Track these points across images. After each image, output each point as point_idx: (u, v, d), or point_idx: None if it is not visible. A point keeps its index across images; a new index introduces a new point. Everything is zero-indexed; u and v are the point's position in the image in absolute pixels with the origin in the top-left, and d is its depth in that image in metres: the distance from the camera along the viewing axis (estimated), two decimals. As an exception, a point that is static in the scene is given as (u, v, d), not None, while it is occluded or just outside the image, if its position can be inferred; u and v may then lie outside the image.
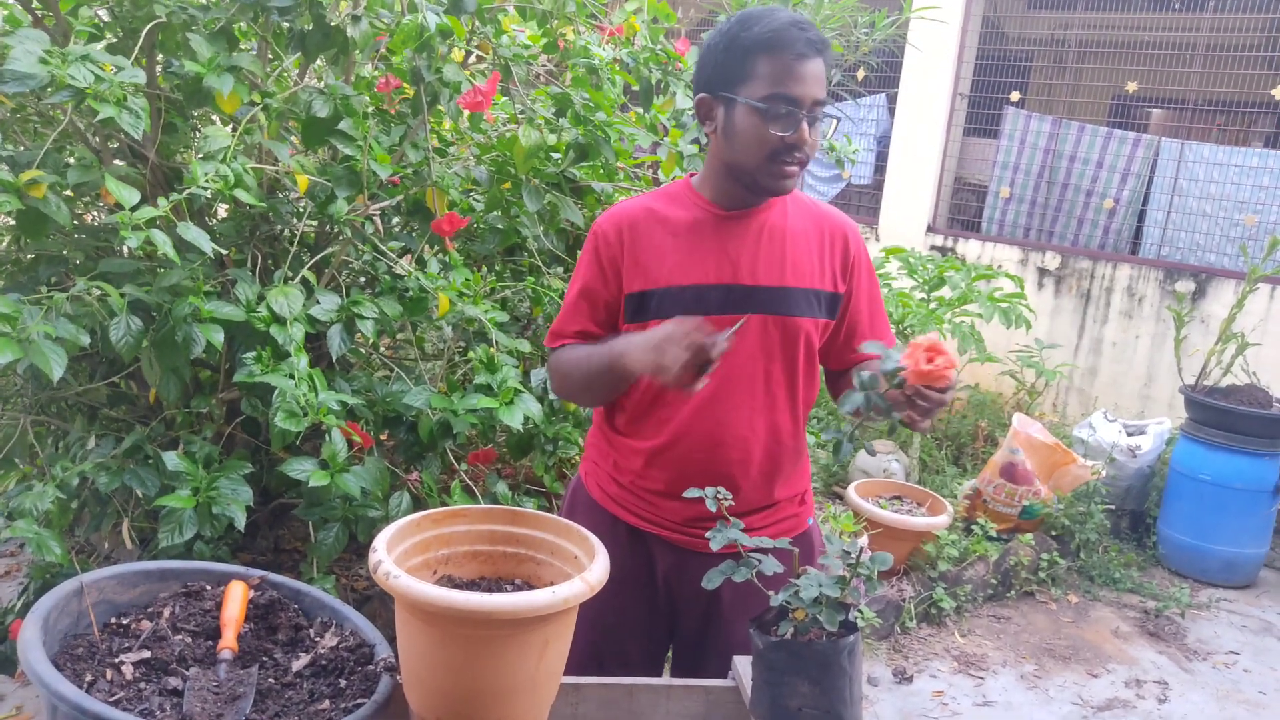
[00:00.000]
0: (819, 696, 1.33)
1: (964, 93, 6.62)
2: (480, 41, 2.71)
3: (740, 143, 1.62)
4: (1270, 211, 5.60)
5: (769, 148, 1.60)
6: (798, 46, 1.57)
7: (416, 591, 1.17)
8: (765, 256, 1.71)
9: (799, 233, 1.74)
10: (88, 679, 1.21)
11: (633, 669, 1.83)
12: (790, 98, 1.58)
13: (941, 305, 4.74)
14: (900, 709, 3.39)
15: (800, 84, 1.57)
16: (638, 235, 1.71)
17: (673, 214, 1.72)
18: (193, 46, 2.07)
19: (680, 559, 1.80)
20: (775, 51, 1.57)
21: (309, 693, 1.29)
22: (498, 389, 2.32)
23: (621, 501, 1.83)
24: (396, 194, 2.51)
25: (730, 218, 1.72)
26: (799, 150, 1.61)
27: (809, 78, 1.58)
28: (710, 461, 1.73)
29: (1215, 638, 4.13)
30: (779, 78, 1.57)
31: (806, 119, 1.59)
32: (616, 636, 1.84)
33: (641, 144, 2.95)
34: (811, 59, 1.58)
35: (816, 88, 1.59)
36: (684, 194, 1.75)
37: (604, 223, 1.74)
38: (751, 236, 1.71)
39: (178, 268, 2.03)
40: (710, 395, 1.71)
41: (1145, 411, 5.73)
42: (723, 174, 1.70)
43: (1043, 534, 4.57)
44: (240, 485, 2.09)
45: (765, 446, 1.76)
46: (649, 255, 1.70)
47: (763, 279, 1.70)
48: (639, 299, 1.71)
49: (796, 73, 1.57)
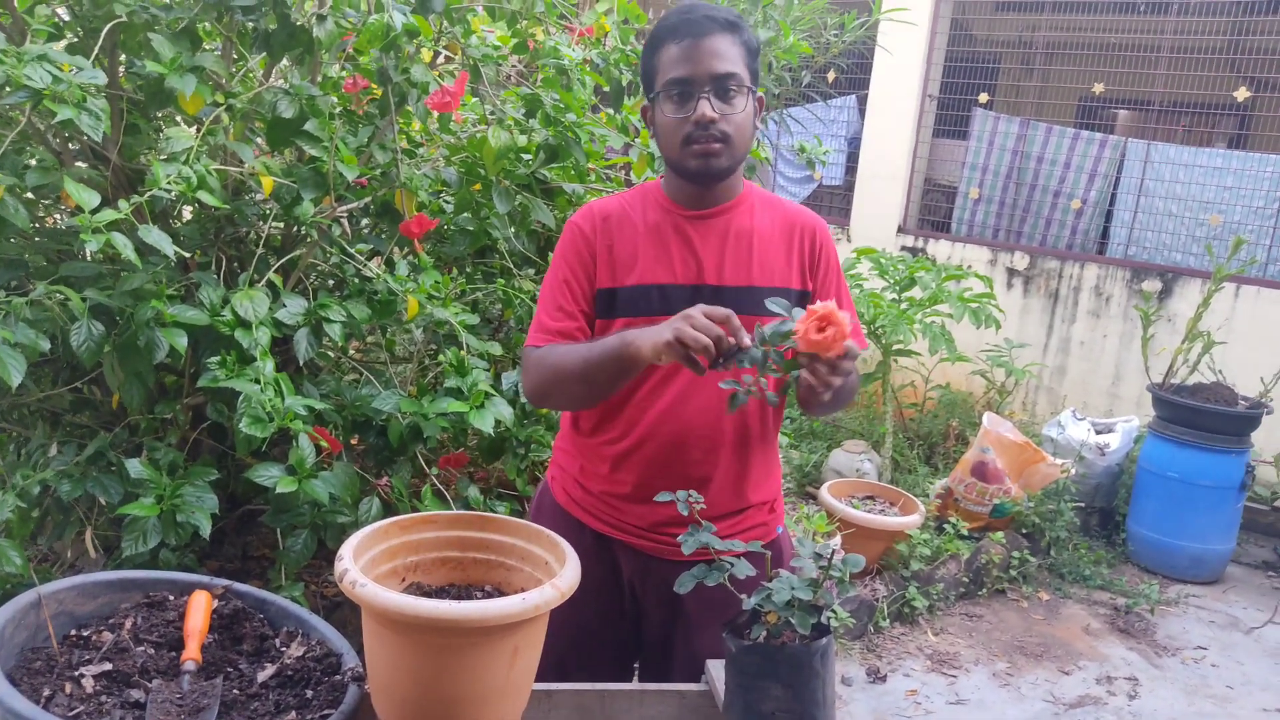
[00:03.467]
0: (792, 700, 1.32)
1: (933, 94, 6.67)
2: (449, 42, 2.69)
3: (662, 135, 1.68)
4: (1234, 211, 5.68)
5: (681, 132, 1.63)
6: (687, 28, 1.62)
7: (383, 600, 1.15)
8: (732, 257, 1.71)
9: (766, 232, 1.74)
10: (45, 693, 1.18)
11: (600, 675, 1.81)
12: (683, 79, 1.61)
13: (912, 305, 4.76)
14: (874, 708, 3.40)
15: (692, 63, 1.61)
16: (610, 229, 1.72)
17: (642, 214, 1.73)
18: (155, 46, 2.03)
19: (644, 565, 1.79)
20: (669, 40, 1.64)
21: (275, 704, 1.26)
22: (468, 392, 2.30)
23: (587, 507, 1.82)
24: (364, 196, 2.48)
25: (696, 218, 1.72)
26: (710, 127, 1.61)
27: (703, 55, 1.61)
28: (676, 464, 1.72)
29: (1184, 633, 4.17)
30: (674, 63, 1.62)
31: (708, 94, 1.61)
32: (583, 643, 1.82)
33: (613, 145, 2.94)
34: (704, 38, 1.61)
35: (714, 62, 1.61)
36: (653, 194, 1.77)
37: (579, 218, 1.76)
38: (717, 237, 1.71)
39: (140, 271, 1.99)
40: (676, 397, 1.71)
41: (1113, 410, 5.79)
42: (672, 173, 1.72)
43: (1014, 532, 4.61)
44: (205, 492, 2.06)
45: (732, 449, 1.75)
46: (620, 251, 1.71)
47: (729, 279, 1.70)
48: (608, 296, 1.71)
49: (689, 54, 1.61)
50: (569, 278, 1.73)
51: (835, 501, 4.20)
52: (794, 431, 5.36)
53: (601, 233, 1.72)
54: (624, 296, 1.70)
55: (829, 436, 5.50)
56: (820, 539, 3.84)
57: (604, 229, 1.72)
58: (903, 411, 5.67)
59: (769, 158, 5.89)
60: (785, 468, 5.00)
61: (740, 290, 1.70)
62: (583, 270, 1.72)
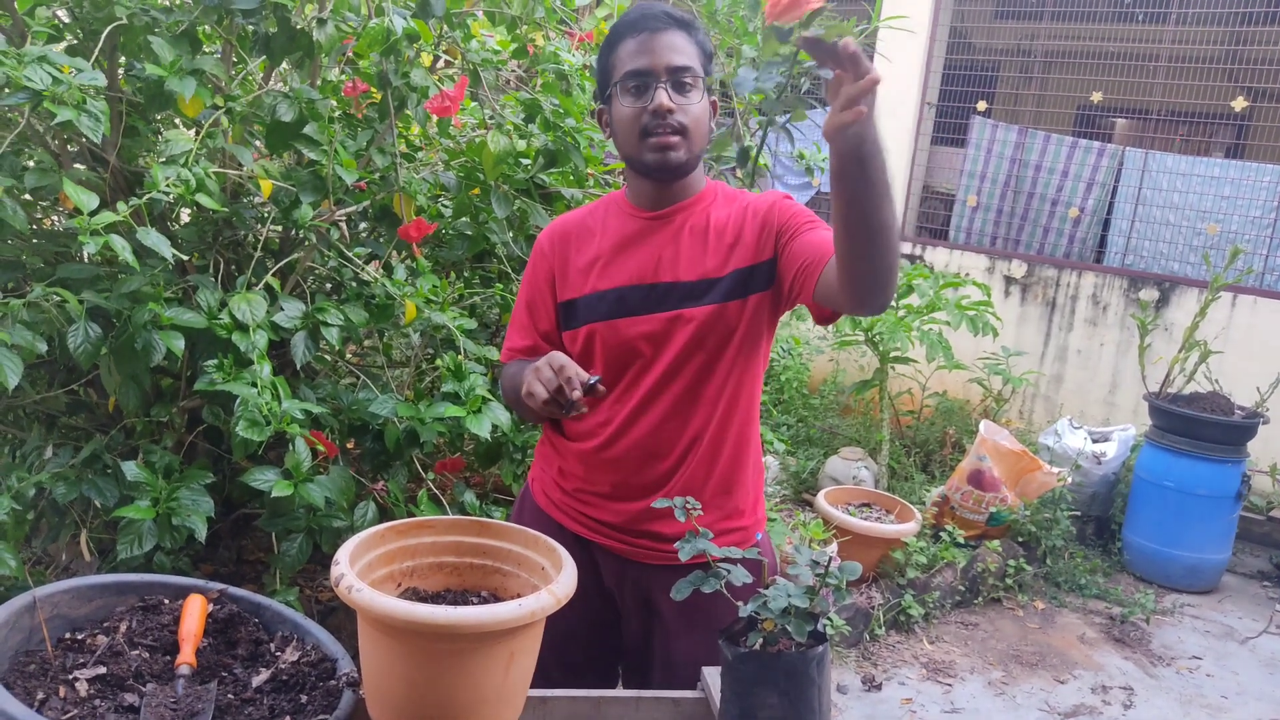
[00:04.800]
0: (788, 708, 1.32)
1: (931, 102, 6.68)
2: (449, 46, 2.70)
3: (619, 132, 1.69)
4: (1232, 221, 5.69)
5: (637, 124, 1.64)
6: (642, 24, 1.64)
7: (379, 605, 1.14)
8: (687, 252, 1.71)
9: (722, 221, 1.72)
10: (39, 697, 1.18)
11: (582, 680, 1.82)
12: (638, 70, 1.63)
13: (910, 313, 4.77)
14: (869, 716, 3.40)
15: (647, 56, 1.63)
16: (568, 245, 1.77)
17: (604, 221, 1.77)
18: (154, 49, 2.04)
19: (621, 567, 1.79)
20: (624, 38, 1.65)
21: (269, 708, 1.26)
22: (465, 397, 2.30)
23: (565, 508, 1.83)
24: (363, 199, 2.48)
25: (656, 219, 1.74)
26: (666, 118, 1.62)
27: (657, 49, 1.63)
28: (646, 466, 1.73)
29: (1179, 643, 4.17)
30: (631, 56, 1.64)
31: (664, 85, 1.62)
32: (567, 648, 1.81)
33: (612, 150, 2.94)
34: (658, 32, 1.63)
35: (669, 55, 1.63)
36: (616, 202, 1.80)
37: (542, 236, 1.82)
38: (672, 234, 1.72)
39: (137, 274, 1.99)
40: (644, 399, 1.71)
41: (1110, 419, 5.79)
42: (630, 174, 1.75)
43: (1010, 540, 4.60)
44: (201, 495, 2.06)
45: (705, 449, 1.73)
46: (577, 264, 1.75)
47: (684, 274, 1.70)
48: (568, 307, 1.76)
49: (645, 46, 1.63)
50: (531, 298, 1.81)
51: (831, 509, 4.20)
52: (791, 438, 5.36)
53: (560, 247, 1.78)
54: (583, 304, 1.74)
55: (826, 443, 5.50)
56: (816, 546, 3.84)
57: (561, 244, 1.78)
58: (900, 419, 5.67)
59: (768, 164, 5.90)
60: (782, 474, 5.00)
61: (694, 284, 1.69)
62: (545, 287, 1.79)
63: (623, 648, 1.89)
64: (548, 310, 1.79)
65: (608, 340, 1.71)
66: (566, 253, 1.77)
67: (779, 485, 4.92)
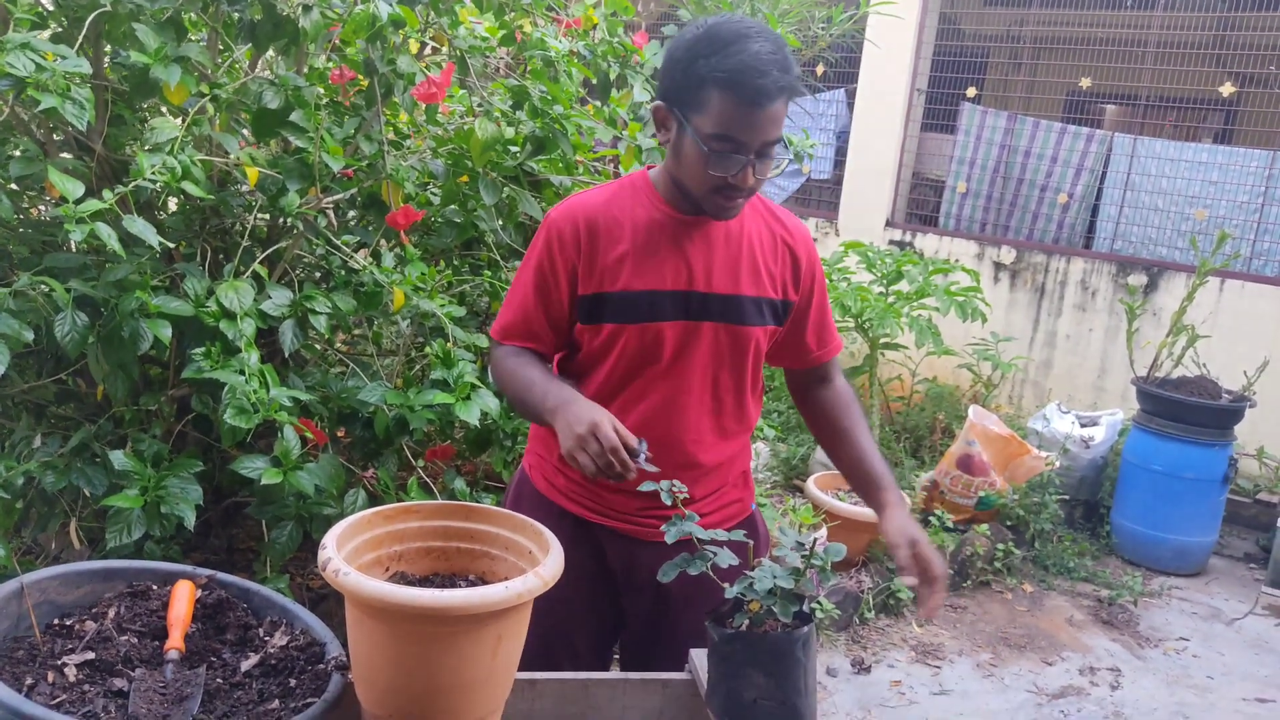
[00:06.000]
0: (774, 688, 1.34)
1: (921, 88, 6.68)
2: (436, 33, 2.69)
3: (686, 168, 1.61)
4: (1219, 206, 5.71)
5: (711, 179, 1.57)
6: (756, 95, 1.50)
7: (366, 588, 1.15)
8: (720, 263, 1.70)
9: (754, 238, 1.73)
10: (28, 682, 1.18)
11: (580, 662, 1.84)
12: (737, 141, 1.53)
13: (899, 299, 4.78)
14: (858, 699, 3.42)
15: (750, 130, 1.53)
16: (596, 236, 1.67)
17: (631, 213, 1.69)
18: (139, 36, 2.03)
19: (630, 548, 1.80)
20: (731, 91, 1.51)
21: (258, 692, 1.27)
22: (454, 384, 2.30)
23: (568, 493, 1.82)
24: (350, 187, 2.48)
25: (688, 222, 1.69)
26: (743, 188, 1.58)
27: (762, 123, 1.53)
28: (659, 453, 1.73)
29: (1166, 625, 4.21)
30: (729, 119, 1.52)
31: (753, 161, 1.55)
32: (564, 629, 1.83)
33: (601, 138, 2.94)
34: (768, 105, 1.52)
35: (769, 130, 1.54)
36: (643, 191, 1.72)
37: (560, 219, 1.69)
38: (706, 241, 1.70)
39: (124, 262, 1.99)
40: (661, 404, 1.72)
41: (1098, 403, 5.82)
42: (675, 183, 1.67)
43: (998, 524, 4.63)
44: (190, 484, 2.06)
45: (713, 450, 1.78)
46: (606, 258, 1.67)
47: (717, 286, 1.69)
48: (593, 301, 1.69)
49: (749, 118, 1.52)
50: (544, 283, 1.70)
51: (821, 494, 4.21)
52: (781, 425, 5.37)
53: (588, 240, 1.67)
54: (613, 302, 1.67)
55: (816, 429, 5.51)
56: (806, 530, 3.86)
57: (589, 236, 1.67)
58: (889, 405, 5.69)
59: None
60: (773, 460, 5.01)
61: (727, 298, 1.70)
62: (564, 277, 1.69)
63: (625, 628, 1.91)
64: (561, 300, 1.70)
65: (631, 341, 1.68)
66: (595, 245, 1.67)
67: (769, 471, 4.93)
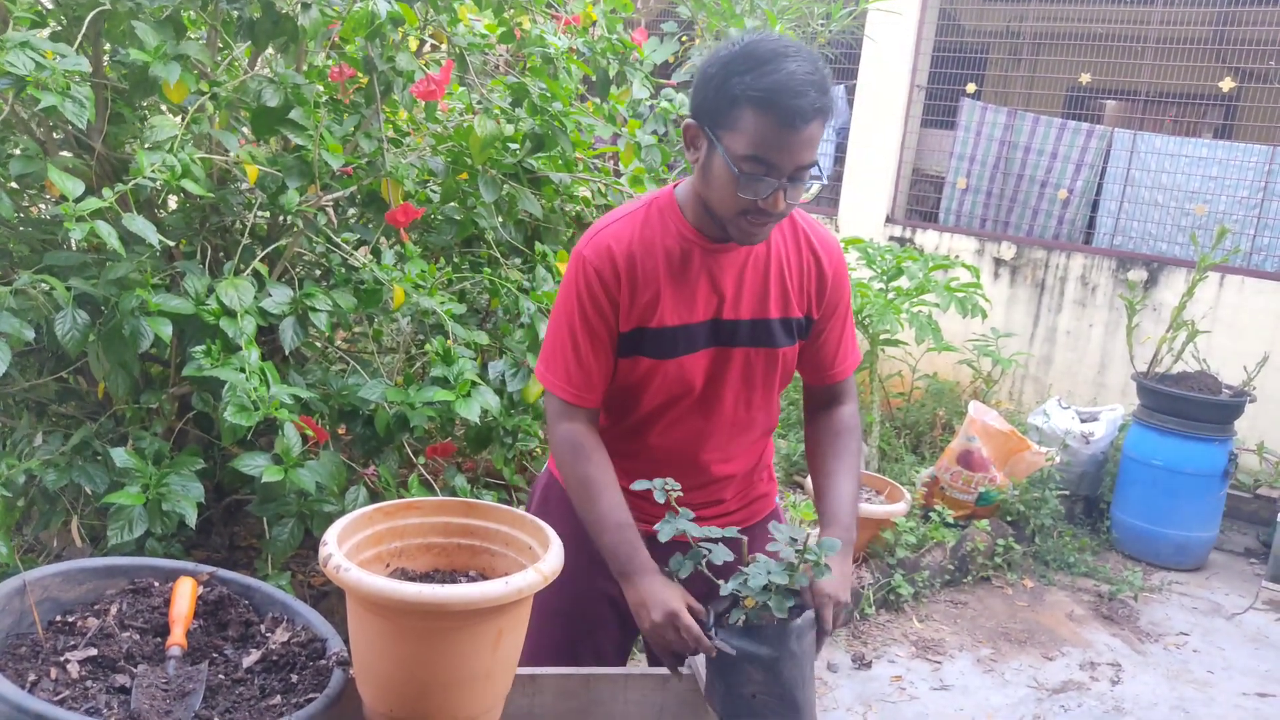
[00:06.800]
0: (772, 682, 1.34)
1: (921, 84, 6.67)
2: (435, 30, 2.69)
3: (714, 189, 1.55)
4: (1219, 201, 5.71)
5: (740, 203, 1.52)
6: (792, 117, 1.44)
7: (367, 584, 1.16)
8: (749, 288, 1.68)
9: (781, 259, 1.71)
10: (30, 678, 1.19)
11: (604, 661, 1.84)
12: (770, 164, 1.48)
13: (899, 295, 4.78)
14: (859, 694, 3.43)
15: (784, 152, 1.47)
16: (634, 274, 1.63)
17: (663, 243, 1.65)
18: (139, 34, 2.03)
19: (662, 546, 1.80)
20: (765, 111, 1.45)
21: (260, 688, 1.27)
22: (455, 381, 2.31)
23: None
24: (350, 185, 2.48)
25: (717, 250, 1.66)
26: (774, 213, 1.53)
27: (796, 145, 1.47)
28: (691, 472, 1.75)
29: (1167, 620, 4.21)
30: (763, 141, 1.47)
31: (785, 185, 1.50)
32: (589, 629, 1.84)
33: (601, 135, 2.94)
34: (803, 128, 1.46)
35: (803, 153, 1.48)
36: (670, 217, 1.67)
37: (596, 258, 1.63)
38: (737, 268, 1.67)
39: (124, 260, 1.99)
40: (694, 432, 1.74)
41: (1099, 399, 5.82)
42: (702, 205, 1.62)
43: (999, 520, 4.63)
44: (191, 481, 2.06)
45: (741, 460, 1.83)
46: (644, 295, 1.64)
47: (745, 312, 1.68)
48: (634, 336, 1.66)
49: (783, 140, 1.46)
50: (594, 324, 1.65)
51: (822, 490, 4.21)
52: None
53: (625, 278, 1.63)
54: (650, 337, 1.66)
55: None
56: (807, 527, 3.86)
57: (627, 273, 1.63)
58: (890, 401, 5.69)
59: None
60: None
61: (756, 323, 1.70)
62: (608, 315, 1.65)
63: None
64: (610, 342, 1.66)
65: (669, 374, 1.68)
66: (634, 283, 1.63)
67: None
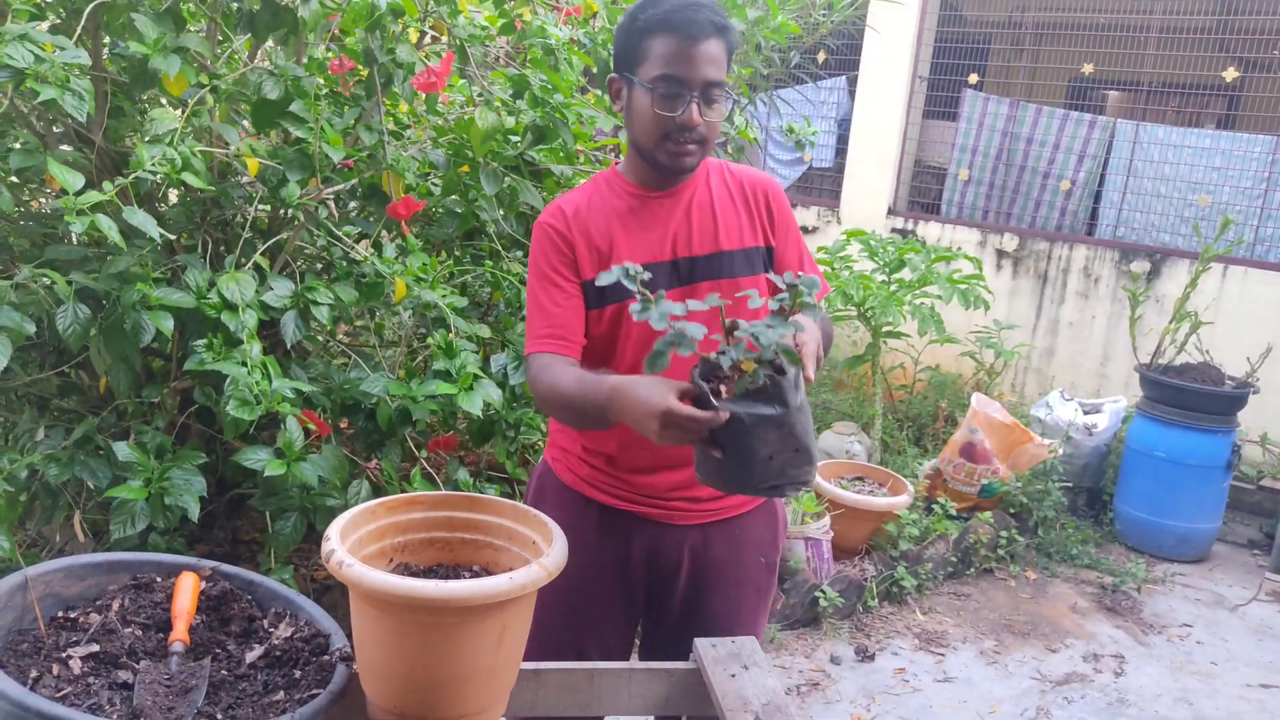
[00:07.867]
0: (787, 437, 1.34)
1: (923, 75, 6.65)
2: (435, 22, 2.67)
3: (637, 123, 1.68)
4: (1222, 192, 5.69)
5: (661, 128, 1.63)
6: (689, 28, 1.59)
7: (370, 580, 1.15)
8: (698, 227, 1.75)
9: (723, 198, 1.79)
10: (32, 675, 1.18)
11: (611, 656, 1.85)
12: (678, 79, 1.60)
13: (901, 287, 4.77)
14: (863, 686, 3.42)
15: (689, 65, 1.60)
16: (582, 221, 1.74)
17: (607, 202, 1.76)
18: (138, 27, 2.02)
19: (659, 533, 1.82)
20: (667, 32, 1.60)
21: (263, 684, 1.27)
22: (457, 375, 2.30)
23: (595, 483, 1.83)
24: (351, 177, 2.47)
25: (658, 198, 1.75)
26: (692, 130, 1.63)
27: (700, 59, 1.60)
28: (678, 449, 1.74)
29: (1170, 611, 4.21)
30: (669, 59, 1.60)
31: (699, 100, 1.62)
32: (595, 624, 1.85)
33: (602, 127, 2.93)
34: (703, 41, 1.60)
35: (709, 69, 1.61)
36: (614, 181, 1.79)
37: (548, 217, 1.76)
38: (681, 212, 1.75)
39: (125, 254, 1.99)
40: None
41: (1101, 390, 5.81)
42: (636, 156, 1.73)
43: (1002, 512, 4.63)
44: (194, 475, 2.06)
45: None
46: (597, 241, 1.73)
47: (698, 249, 1.74)
48: (596, 286, 1.68)
49: (686, 54, 1.60)
50: (554, 278, 1.74)
51: (824, 482, 4.21)
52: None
53: (575, 226, 1.73)
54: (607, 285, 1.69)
55: (819, 418, 5.51)
56: (810, 519, 3.86)
57: (576, 222, 1.74)
58: (892, 393, 5.69)
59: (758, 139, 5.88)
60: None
61: (710, 257, 1.75)
62: (565, 266, 1.74)
63: (653, 616, 1.92)
64: (573, 286, 1.74)
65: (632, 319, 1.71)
66: (584, 229, 1.74)
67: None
